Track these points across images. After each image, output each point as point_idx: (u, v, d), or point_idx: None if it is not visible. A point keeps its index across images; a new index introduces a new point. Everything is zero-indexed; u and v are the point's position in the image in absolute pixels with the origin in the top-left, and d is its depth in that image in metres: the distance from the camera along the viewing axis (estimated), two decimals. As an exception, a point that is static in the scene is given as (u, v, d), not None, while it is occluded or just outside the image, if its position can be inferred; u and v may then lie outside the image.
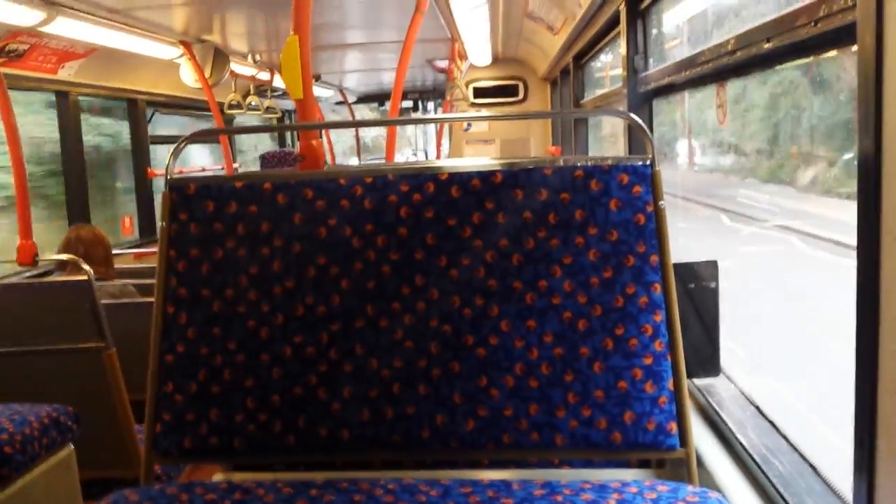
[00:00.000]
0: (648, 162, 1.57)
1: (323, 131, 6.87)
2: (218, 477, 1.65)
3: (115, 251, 3.92)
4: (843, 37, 1.31)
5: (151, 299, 1.75)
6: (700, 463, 1.66)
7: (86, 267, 2.57)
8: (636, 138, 2.99)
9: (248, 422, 1.61)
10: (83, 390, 2.53)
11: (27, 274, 4.24)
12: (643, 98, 2.99)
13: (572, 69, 5.79)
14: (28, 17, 3.53)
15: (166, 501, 1.36)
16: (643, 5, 3.00)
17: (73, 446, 2.32)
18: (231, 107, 6.57)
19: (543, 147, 8.35)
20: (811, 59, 1.84)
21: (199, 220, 1.67)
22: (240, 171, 8.53)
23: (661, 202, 1.57)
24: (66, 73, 4.63)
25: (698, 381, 2.04)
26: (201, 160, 9.08)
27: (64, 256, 3.18)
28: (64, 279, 2.95)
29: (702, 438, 1.80)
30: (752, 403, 1.92)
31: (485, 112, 8.26)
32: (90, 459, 2.45)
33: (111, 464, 2.64)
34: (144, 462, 1.65)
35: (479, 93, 8.48)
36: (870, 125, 1.04)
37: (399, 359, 1.60)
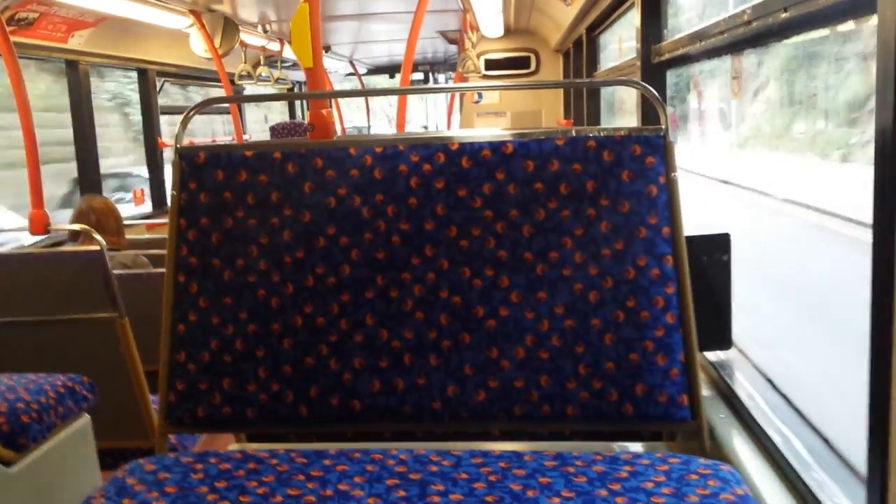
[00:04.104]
0: (661, 133, 1.56)
1: (333, 102, 6.84)
2: (232, 447, 1.66)
3: (127, 221, 3.93)
4: (863, 6, 1.29)
5: (163, 270, 1.75)
6: (712, 436, 1.66)
7: (98, 237, 2.58)
8: (649, 109, 2.96)
9: (261, 391, 1.62)
10: (98, 360, 2.55)
11: (40, 244, 4.26)
12: (657, 69, 2.95)
13: (585, 41, 5.73)
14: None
15: (181, 471, 1.37)
16: (658, -26, 2.96)
17: (88, 416, 2.34)
18: (241, 77, 6.54)
19: (555, 120, 8.30)
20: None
21: (208, 190, 1.66)
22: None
23: (674, 173, 1.55)
24: (76, 41, 4.60)
25: (710, 355, 2.04)
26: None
27: (76, 226, 3.19)
28: (76, 249, 2.97)
29: (713, 411, 1.80)
30: (764, 376, 1.92)
31: (496, 82, 8.19)
32: (106, 429, 2.47)
33: (127, 433, 2.66)
34: (159, 431, 1.66)
35: (490, 65, 8.41)
36: (889, 98, 1.02)
37: (409, 329, 1.59)
